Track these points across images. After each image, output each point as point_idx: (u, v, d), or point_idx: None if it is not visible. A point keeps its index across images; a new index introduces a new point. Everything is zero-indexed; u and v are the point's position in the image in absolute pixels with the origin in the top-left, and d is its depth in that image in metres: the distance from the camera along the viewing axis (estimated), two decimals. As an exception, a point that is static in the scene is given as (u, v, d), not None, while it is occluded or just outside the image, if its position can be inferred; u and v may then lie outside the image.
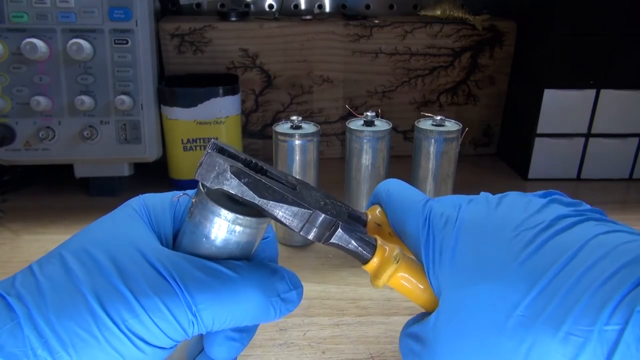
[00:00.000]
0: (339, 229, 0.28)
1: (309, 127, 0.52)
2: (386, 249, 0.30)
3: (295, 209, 0.27)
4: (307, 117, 0.76)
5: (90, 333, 0.24)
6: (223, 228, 0.28)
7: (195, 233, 0.28)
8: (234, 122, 0.65)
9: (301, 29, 0.72)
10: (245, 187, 0.26)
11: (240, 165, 0.27)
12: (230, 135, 0.65)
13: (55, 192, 0.67)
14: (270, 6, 0.80)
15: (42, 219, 0.59)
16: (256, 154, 0.78)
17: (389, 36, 0.73)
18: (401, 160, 0.65)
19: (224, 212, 0.27)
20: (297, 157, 0.51)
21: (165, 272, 0.25)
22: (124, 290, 0.24)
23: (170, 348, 0.26)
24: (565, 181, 0.72)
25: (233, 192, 0.26)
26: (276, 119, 0.76)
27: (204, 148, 0.65)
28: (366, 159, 0.51)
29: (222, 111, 0.64)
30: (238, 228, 0.28)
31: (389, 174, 0.54)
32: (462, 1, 0.78)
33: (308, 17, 0.74)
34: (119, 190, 0.65)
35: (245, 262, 0.28)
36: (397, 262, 0.29)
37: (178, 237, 0.30)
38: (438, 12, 0.73)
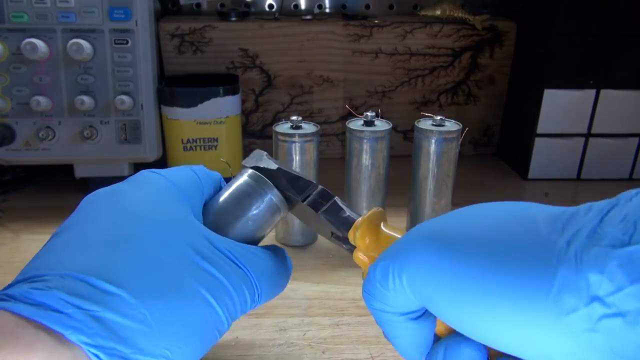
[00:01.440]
0: (334, 199, 0.35)
1: (309, 127, 0.52)
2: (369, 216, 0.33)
3: (302, 179, 0.34)
4: (307, 117, 0.76)
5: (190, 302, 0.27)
6: (266, 205, 0.33)
7: (235, 209, 0.33)
8: (234, 122, 0.65)
9: (301, 29, 0.72)
10: (272, 160, 0.35)
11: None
12: (230, 135, 0.65)
13: (55, 192, 0.67)
14: (270, 6, 0.80)
15: (42, 219, 0.59)
16: (256, 154, 0.78)
17: (389, 36, 0.73)
18: (401, 160, 0.65)
19: (275, 191, 0.34)
20: (297, 157, 0.51)
21: (239, 263, 0.30)
22: (218, 275, 0.28)
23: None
24: (565, 181, 0.72)
25: (267, 166, 0.35)
26: (276, 119, 0.76)
27: (204, 148, 0.65)
28: (366, 159, 0.51)
29: (222, 111, 0.64)
30: (276, 211, 0.34)
31: (389, 174, 0.54)
32: (462, 1, 0.78)
33: (308, 17, 0.74)
34: (119, 190, 0.65)
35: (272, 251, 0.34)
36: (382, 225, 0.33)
37: (209, 210, 0.33)
38: (438, 12, 0.73)
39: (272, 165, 0.35)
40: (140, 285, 0.25)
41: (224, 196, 0.34)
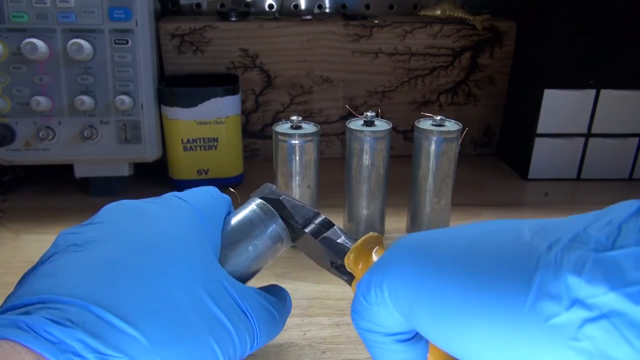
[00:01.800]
0: (335, 227, 0.35)
1: (309, 127, 0.52)
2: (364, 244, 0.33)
3: (304, 208, 0.35)
4: (307, 117, 0.76)
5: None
6: (270, 235, 0.34)
7: (240, 236, 0.34)
8: (234, 122, 0.65)
9: (301, 29, 0.72)
10: (280, 191, 0.37)
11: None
12: (230, 135, 0.65)
13: (55, 192, 0.67)
14: (270, 6, 0.80)
15: (42, 219, 0.59)
16: (256, 153, 0.79)
17: (389, 36, 0.73)
18: (401, 160, 0.65)
19: (280, 222, 0.35)
20: (297, 157, 0.51)
21: (246, 310, 0.30)
22: (226, 324, 0.28)
23: None
24: (565, 181, 0.72)
25: (272, 196, 0.36)
26: (276, 119, 0.76)
27: (204, 148, 0.65)
28: (366, 159, 0.51)
29: (222, 111, 0.64)
30: (280, 243, 0.35)
31: (389, 174, 0.54)
32: (462, 1, 0.78)
33: (308, 17, 0.74)
34: (119, 190, 0.65)
35: (280, 298, 0.35)
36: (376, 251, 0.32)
37: (222, 246, 0.34)
38: (438, 12, 0.73)
39: (277, 195, 0.36)
40: (157, 329, 0.25)
41: (230, 222, 0.34)
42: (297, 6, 0.80)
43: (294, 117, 0.51)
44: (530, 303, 0.20)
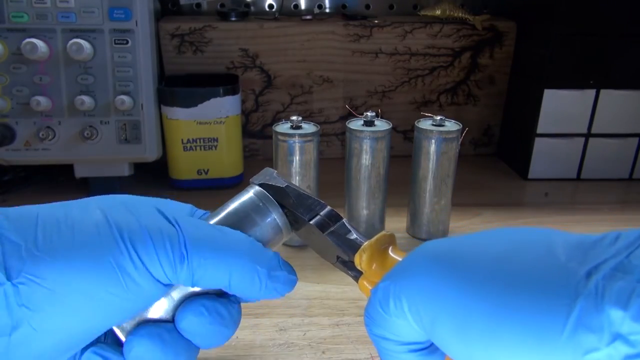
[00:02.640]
0: (343, 220, 0.33)
1: (309, 127, 0.52)
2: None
3: (310, 198, 0.33)
4: (307, 117, 0.76)
5: (109, 260, 0.25)
6: (268, 225, 0.32)
7: (235, 225, 0.31)
8: (234, 122, 0.65)
9: (301, 29, 0.72)
10: (281, 178, 0.34)
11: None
12: (230, 135, 0.65)
13: (55, 192, 0.67)
14: (270, 6, 0.80)
15: (42, 219, 0.59)
16: (256, 154, 0.79)
17: (389, 36, 0.73)
18: (401, 160, 0.65)
19: (279, 211, 0.33)
20: (297, 157, 0.51)
21: (172, 219, 0.27)
22: (141, 227, 0.26)
23: (155, 293, 0.26)
24: (565, 181, 0.72)
25: (275, 183, 0.34)
26: (276, 119, 0.76)
27: (204, 148, 0.65)
28: (366, 159, 0.51)
29: (222, 111, 0.64)
30: (278, 232, 0.33)
31: (389, 174, 0.54)
32: (462, 1, 0.78)
33: (308, 17, 0.74)
34: (119, 190, 0.65)
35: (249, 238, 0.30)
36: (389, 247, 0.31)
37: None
38: (438, 12, 0.73)
39: (281, 183, 0.34)
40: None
41: (226, 210, 0.32)
42: (297, 6, 0.80)
43: (294, 117, 0.51)
44: (568, 333, 0.19)
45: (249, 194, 0.33)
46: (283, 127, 0.51)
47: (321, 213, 0.33)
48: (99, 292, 0.24)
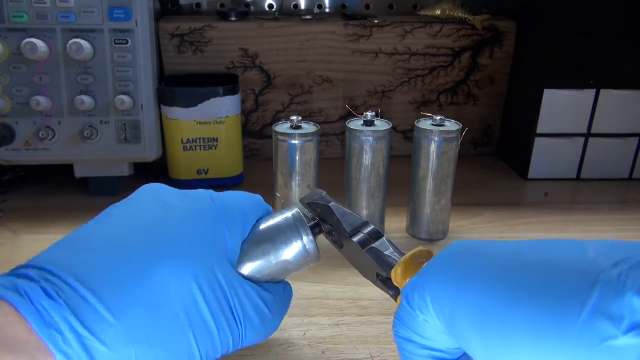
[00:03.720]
0: (384, 238, 0.33)
1: (309, 127, 0.52)
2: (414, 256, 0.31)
3: (354, 216, 0.34)
4: (307, 117, 0.76)
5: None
6: (297, 246, 0.33)
7: (266, 241, 0.33)
8: (234, 122, 0.65)
9: (301, 29, 0.72)
10: (329, 198, 0.36)
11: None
12: (230, 135, 0.65)
13: (55, 192, 0.67)
14: (270, 6, 0.80)
15: (42, 219, 0.59)
16: (256, 153, 0.79)
17: (389, 36, 0.73)
18: (401, 160, 0.65)
19: (310, 237, 0.33)
20: (297, 157, 0.51)
21: (235, 311, 0.30)
22: (210, 323, 0.28)
23: None
24: (565, 181, 0.72)
25: (322, 202, 0.35)
26: (276, 119, 0.76)
27: (204, 148, 0.65)
28: (366, 159, 0.51)
29: (222, 111, 0.64)
30: (306, 256, 0.34)
31: (389, 174, 0.54)
32: (462, 1, 0.78)
33: (308, 17, 0.74)
34: (119, 190, 0.65)
35: (277, 296, 0.33)
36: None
37: (246, 245, 0.33)
38: (438, 12, 0.73)
39: (327, 202, 0.35)
40: (138, 320, 0.25)
41: (261, 226, 0.34)
42: (297, 6, 0.80)
43: (294, 117, 0.51)
44: (583, 321, 0.18)
45: (285, 214, 0.34)
46: (283, 127, 0.51)
47: (364, 231, 0.34)
48: None
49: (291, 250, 0.33)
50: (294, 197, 0.52)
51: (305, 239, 0.33)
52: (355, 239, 0.34)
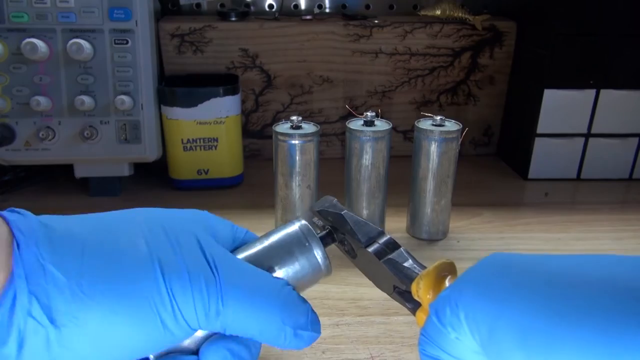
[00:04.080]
0: (401, 249, 0.32)
1: (309, 127, 0.52)
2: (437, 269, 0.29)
3: (368, 225, 0.33)
4: (307, 117, 0.76)
5: (144, 293, 0.26)
6: (308, 260, 0.31)
7: (274, 255, 0.31)
8: (234, 122, 0.65)
9: (301, 29, 0.72)
10: (341, 205, 0.34)
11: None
12: (230, 135, 0.65)
13: (55, 192, 0.67)
14: (270, 6, 0.80)
15: (42, 219, 0.59)
16: (256, 153, 0.79)
17: (389, 36, 0.73)
18: (401, 160, 0.65)
19: (321, 249, 0.31)
20: (297, 157, 0.51)
21: (211, 260, 0.27)
22: (181, 271, 0.26)
23: (186, 335, 0.27)
24: (565, 181, 0.72)
25: (334, 210, 0.34)
26: (276, 119, 0.76)
27: (204, 148, 0.65)
28: (366, 159, 0.51)
29: (222, 111, 0.64)
30: (316, 269, 0.31)
31: (389, 174, 0.54)
32: (462, 1, 0.78)
33: (308, 17, 0.74)
34: (119, 190, 0.65)
35: (286, 284, 0.30)
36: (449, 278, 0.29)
37: (248, 248, 0.32)
38: (438, 12, 0.73)
39: (339, 209, 0.33)
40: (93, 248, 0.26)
41: (269, 240, 0.31)
42: (297, 6, 0.80)
43: (294, 117, 0.51)
44: None
45: (293, 227, 0.32)
46: (283, 127, 0.51)
47: (380, 241, 0.32)
48: (135, 337, 0.25)
49: (303, 265, 0.31)
50: (294, 197, 0.52)
51: (315, 249, 0.31)
52: (371, 249, 0.32)
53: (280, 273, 0.31)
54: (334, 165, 0.66)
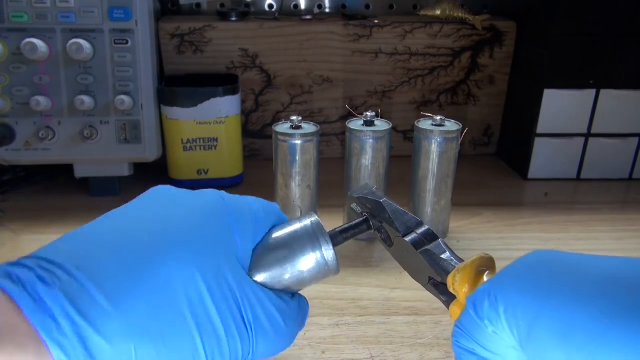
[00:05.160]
0: (439, 240, 0.31)
1: (309, 127, 0.52)
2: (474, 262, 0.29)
3: (407, 215, 0.32)
4: (307, 117, 0.76)
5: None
6: (315, 257, 0.31)
7: (282, 249, 0.31)
8: (234, 122, 0.65)
9: (301, 29, 0.72)
10: (380, 193, 0.34)
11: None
12: (230, 135, 0.65)
13: (55, 192, 0.67)
14: (270, 6, 0.80)
15: (42, 219, 0.59)
16: (256, 153, 0.79)
17: (389, 36, 0.73)
18: (401, 160, 0.65)
19: (330, 246, 0.31)
20: (297, 157, 0.51)
21: (245, 316, 0.28)
22: (217, 324, 0.26)
23: None
24: (565, 181, 0.72)
25: (373, 197, 0.34)
26: (276, 119, 0.76)
27: (204, 148, 0.65)
28: (366, 159, 0.51)
29: (222, 111, 0.64)
30: (324, 266, 0.31)
31: (389, 174, 0.54)
32: (462, 1, 0.78)
33: (308, 17, 0.74)
34: (119, 190, 0.65)
35: (293, 307, 0.31)
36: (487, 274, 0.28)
37: (260, 251, 0.31)
38: (438, 12, 0.73)
39: (378, 197, 0.33)
40: (139, 313, 0.24)
41: (277, 233, 0.32)
42: (297, 6, 0.80)
43: (294, 117, 0.51)
44: None
45: (304, 222, 0.32)
46: (283, 127, 0.51)
47: (418, 231, 0.32)
48: None
49: (308, 260, 0.31)
50: (294, 197, 0.52)
51: (324, 248, 0.31)
52: (408, 239, 0.31)
53: (289, 266, 0.31)
54: (334, 165, 0.66)
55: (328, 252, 0.31)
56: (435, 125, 0.52)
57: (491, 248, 0.54)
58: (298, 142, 0.50)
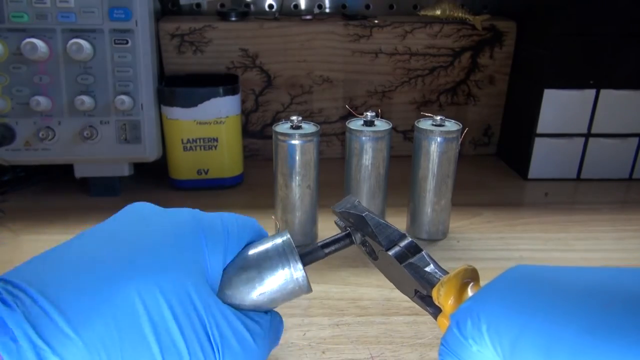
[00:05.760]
0: (423, 253, 0.31)
1: (309, 127, 0.51)
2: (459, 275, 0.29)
3: (389, 228, 0.33)
4: (307, 117, 0.76)
5: None
6: (285, 276, 0.31)
7: (252, 267, 0.31)
8: (234, 122, 0.65)
9: (301, 29, 0.72)
10: (363, 207, 0.34)
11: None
12: (230, 135, 0.65)
13: (55, 192, 0.67)
14: (270, 6, 0.80)
15: (42, 219, 0.59)
16: (256, 153, 0.79)
17: (389, 36, 0.73)
18: (401, 160, 0.65)
19: (299, 266, 0.31)
20: (297, 157, 0.51)
21: (211, 334, 0.28)
22: (180, 345, 0.26)
23: None
24: (565, 181, 0.72)
25: (355, 211, 0.33)
26: (276, 119, 0.76)
27: (204, 148, 0.65)
28: (366, 159, 0.51)
29: (222, 111, 0.64)
30: (294, 285, 0.31)
31: (389, 174, 0.54)
32: (462, 1, 0.78)
33: (308, 17, 0.74)
34: (119, 190, 0.65)
35: (264, 326, 0.31)
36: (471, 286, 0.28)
37: (230, 271, 0.31)
38: (438, 12, 0.73)
39: (361, 211, 0.33)
40: (101, 338, 0.24)
41: (249, 251, 0.32)
42: (297, 6, 0.80)
43: (294, 117, 0.51)
44: None
45: (275, 240, 0.32)
46: (283, 127, 0.51)
47: (401, 244, 0.32)
48: None
49: (277, 279, 0.31)
50: (294, 197, 0.52)
51: (292, 267, 0.31)
52: (392, 253, 0.32)
53: (258, 284, 0.31)
54: (334, 165, 0.66)
55: (297, 272, 0.31)
56: (435, 125, 0.52)
57: (491, 248, 0.54)
58: (298, 142, 0.50)
